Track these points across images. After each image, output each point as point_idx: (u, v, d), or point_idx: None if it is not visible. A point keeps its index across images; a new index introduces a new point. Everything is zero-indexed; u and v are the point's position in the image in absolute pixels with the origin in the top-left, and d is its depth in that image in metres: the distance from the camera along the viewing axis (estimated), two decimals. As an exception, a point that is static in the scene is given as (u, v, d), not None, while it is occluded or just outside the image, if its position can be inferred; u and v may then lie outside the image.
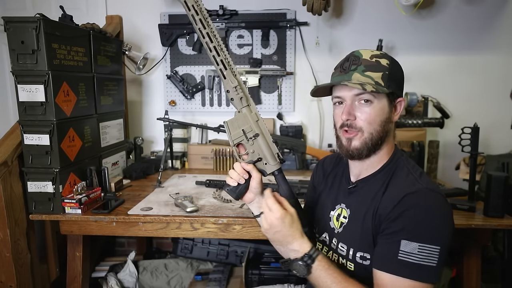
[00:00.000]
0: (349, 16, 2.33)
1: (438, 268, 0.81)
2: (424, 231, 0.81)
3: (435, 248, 0.80)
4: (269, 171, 1.03)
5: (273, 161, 1.02)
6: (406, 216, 0.84)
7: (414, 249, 0.80)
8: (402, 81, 0.97)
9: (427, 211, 0.83)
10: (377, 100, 0.91)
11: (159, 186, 1.85)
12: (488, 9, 2.25)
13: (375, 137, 0.92)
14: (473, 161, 1.54)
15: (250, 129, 1.02)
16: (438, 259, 0.80)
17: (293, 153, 2.25)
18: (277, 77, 2.36)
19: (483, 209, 1.49)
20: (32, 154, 1.46)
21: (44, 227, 1.72)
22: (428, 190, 0.86)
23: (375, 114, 0.91)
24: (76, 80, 1.62)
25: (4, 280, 1.53)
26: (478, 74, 2.32)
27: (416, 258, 0.80)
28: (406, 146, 2.16)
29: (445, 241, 0.82)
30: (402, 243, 0.82)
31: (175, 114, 2.43)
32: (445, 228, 0.83)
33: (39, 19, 1.38)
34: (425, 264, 0.80)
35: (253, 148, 1.03)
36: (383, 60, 0.92)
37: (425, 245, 0.80)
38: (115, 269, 2.12)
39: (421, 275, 0.80)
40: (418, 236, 0.81)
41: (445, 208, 0.85)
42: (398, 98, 0.95)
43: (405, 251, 0.81)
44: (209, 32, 0.96)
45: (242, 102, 1.01)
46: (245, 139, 1.02)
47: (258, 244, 2.16)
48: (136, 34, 2.42)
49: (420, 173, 0.93)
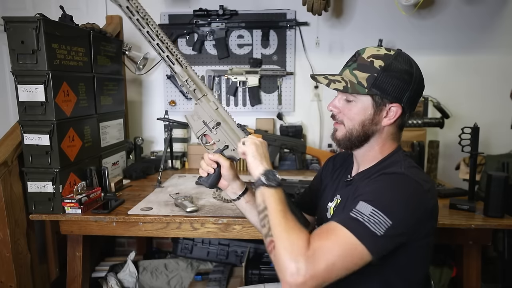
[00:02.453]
0: (349, 16, 2.33)
1: (381, 240, 0.78)
2: (383, 201, 0.81)
3: (387, 220, 0.78)
4: (238, 156, 1.05)
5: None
6: (372, 184, 0.87)
7: (367, 211, 0.79)
8: (401, 87, 0.91)
9: (393, 187, 0.84)
10: (357, 100, 0.93)
11: (159, 186, 1.85)
12: (488, 9, 2.25)
13: (355, 134, 0.94)
14: (473, 161, 1.54)
15: (210, 119, 1.05)
16: (385, 232, 0.78)
17: (293, 153, 2.25)
18: (277, 77, 2.36)
19: (483, 209, 1.49)
20: (32, 154, 1.46)
21: (44, 227, 1.72)
22: (405, 175, 0.86)
23: (355, 113, 0.94)
24: (76, 80, 1.62)
25: (4, 280, 1.53)
26: (478, 74, 2.32)
27: (365, 218, 0.79)
28: (406, 146, 2.16)
29: (400, 221, 0.80)
30: (359, 204, 0.81)
31: (175, 114, 2.43)
32: (404, 209, 0.81)
33: (39, 19, 1.38)
34: (370, 228, 0.78)
35: (218, 137, 1.06)
36: (378, 62, 0.91)
37: (378, 211, 0.79)
38: (115, 269, 2.12)
39: (361, 234, 0.77)
40: (375, 201, 0.80)
41: (413, 191, 0.83)
42: (392, 104, 0.92)
43: (359, 210, 0.80)
44: (149, 30, 1.00)
45: (196, 93, 1.04)
46: (208, 130, 1.05)
47: (258, 244, 2.16)
48: (136, 34, 2.41)
49: (411, 166, 0.91)
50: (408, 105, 0.93)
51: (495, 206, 1.44)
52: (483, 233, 1.47)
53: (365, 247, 0.77)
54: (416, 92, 0.94)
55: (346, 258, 0.77)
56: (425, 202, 0.84)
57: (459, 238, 1.49)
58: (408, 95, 0.92)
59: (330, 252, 0.76)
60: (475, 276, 1.53)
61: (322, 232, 0.81)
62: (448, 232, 1.47)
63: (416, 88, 0.93)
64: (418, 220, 0.83)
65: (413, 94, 0.93)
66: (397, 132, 0.98)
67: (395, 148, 0.99)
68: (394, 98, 0.91)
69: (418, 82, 0.93)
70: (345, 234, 0.78)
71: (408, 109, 0.95)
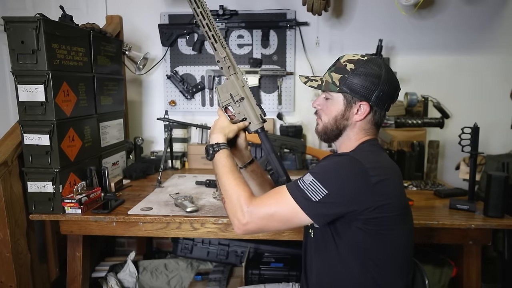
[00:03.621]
0: (349, 16, 2.33)
1: (315, 206, 0.93)
2: (322, 173, 0.96)
3: (323, 189, 0.93)
4: (253, 129, 1.22)
5: (257, 120, 1.20)
6: (323, 161, 1.06)
7: (308, 180, 0.96)
8: (369, 87, 1.01)
9: (335, 164, 0.98)
10: (333, 98, 1.07)
11: (159, 186, 1.85)
12: (488, 9, 2.25)
13: (329, 128, 1.08)
14: (473, 161, 1.54)
15: (236, 93, 1.20)
16: (320, 200, 0.93)
17: (293, 153, 2.25)
18: (277, 77, 2.36)
19: (483, 209, 1.49)
20: (32, 154, 1.46)
21: (44, 227, 1.71)
22: (349, 156, 0.98)
23: (330, 109, 1.07)
24: (76, 80, 1.62)
25: (4, 280, 1.53)
26: (478, 74, 2.32)
27: (305, 186, 0.95)
28: (406, 146, 2.16)
29: (335, 192, 0.93)
30: (306, 175, 0.98)
31: (175, 114, 2.43)
32: (340, 182, 0.94)
33: (39, 19, 1.38)
34: (307, 194, 0.94)
35: (239, 110, 1.21)
36: (350, 65, 1.03)
37: (316, 181, 0.94)
38: (115, 269, 2.12)
39: (298, 197, 0.94)
40: (316, 174, 0.96)
41: (352, 171, 0.95)
42: (361, 102, 1.03)
43: (303, 179, 0.97)
44: (202, 11, 1.14)
45: (229, 70, 1.19)
46: (232, 102, 1.20)
47: (258, 244, 2.16)
48: (136, 34, 2.42)
49: (368, 151, 1.02)
50: (377, 104, 1.03)
51: (495, 206, 1.44)
52: (483, 233, 1.47)
53: (301, 209, 0.94)
54: (385, 93, 1.03)
55: (283, 213, 0.96)
56: (364, 177, 0.93)
57: (459, 238, 1.49)
58: (377, 95, 1.02)
59: (269, 205, 0.97)
60: (475, 276, 1.53)
61: (271, 191, 1.02)
62: (448, 232, 1.47)
63: (385, 89, 1.03)
64: (356, 194, 0.94)
65: (382, 94, 1.02)
66: (372, 127, 1.07)
67: (366, 139, 1.07)
68: (363, 96, 1.03)
69: (387, 84, 1.03)
70: (285, 194, 0.97)
71: (379, 107, 1.04)
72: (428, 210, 1.56)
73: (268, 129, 2.32)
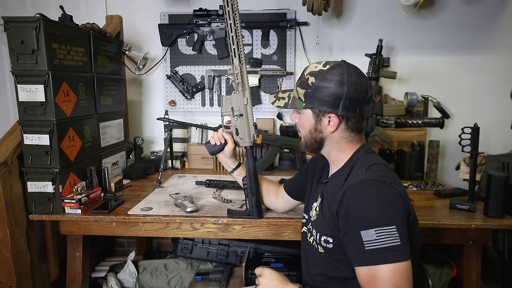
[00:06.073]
0: (349, 16, 2.33)
1: (403, 246, 0.84)
2: (372, 217, 0.86)
3: (391, 228, 0.84)
4: (242, 145, 1.35)
5: (248, 139, 1.35)
6: (352, 210, 0.90)
7: (373, 235, 0.84)
8: (333, 98, 0.98)
9: (367, 199, 0.89)
10: (303, 112, 1.06)
11: (159, 186, 1.85)
12: (488, 9, 2.25)
13: (308, 142, 1.08)
14: (473, 161, 1.54)
15: (238, 108, 1.33)
16: (400, 237, 0.84)
17: (293, 153, 2.25)
18: (277, 77, 2.36)
19: (483, 209, 1.49)
20: (32, 154, 1.46)
21: (44, 227, 1.71)
22: (366, 180, 0.92)
23: (303, 124, 1.08)
24: (76, 80, 1.62)
25: (4, 280, 1.53)
26: (478, 74, 2.32)
27: (378, 242, 0.84)
28: (406, 146, 2.16)
29: (397, 219, 0.86)
30: (362, 234, 0.86)
31: (175, 114, 2.43)
32: (390, 208, 0.87)
33: (39, 19, 1.38)
34: (389, 246, 0.83)
35: (236, 124, 1.34)
36: (311, 78, 1.01)
37: (379, 228, 0.84)
38: (115, 269, 2.12)
39: (390, 257, 0.83)
40: (369, 223, 0.86)
41: (385, 191, 0.90)
42: (329, 114, 1.00)
43: (368, 240, 0.85)
44: (232, 23, 1.26)
45: (239, 86, 1.31)
46: (232, 115, 1.33)
47: (258, 244, 2.16)
48: (136, 34, 2.42)
49: (370, 165, 0.97)
50: (347, 112, 0.99)
51: (495, 206, 1.44)
52: (483, 233, 1.47)
53: (401, 260, 0.83)
54: (353, 99, 0.98)
55: (400, 281, 0.83)
56: (392, 192, 0.91)
57: (459, 238, 1.48)
58: (343, 104, 0.99)
59: None
60: (475, 276, 1.53)
61: (367, 285, 0.86)
62: (448, 232, 1.47)
63: (352, 95, 0.98)
64: (401, 208, 0.89)
65: (349, 102, 0.98)
66: (352, 134, 1.04)
67: (357, 149, 1.05)
68: (329, 108, 1.00)
69: (353, 90, 0.98)
70: (377, 270, 0.84)
71: (350, 114, 1.00)
72: (428, 210, 1.56)
73: (268, 129, 2.32)
